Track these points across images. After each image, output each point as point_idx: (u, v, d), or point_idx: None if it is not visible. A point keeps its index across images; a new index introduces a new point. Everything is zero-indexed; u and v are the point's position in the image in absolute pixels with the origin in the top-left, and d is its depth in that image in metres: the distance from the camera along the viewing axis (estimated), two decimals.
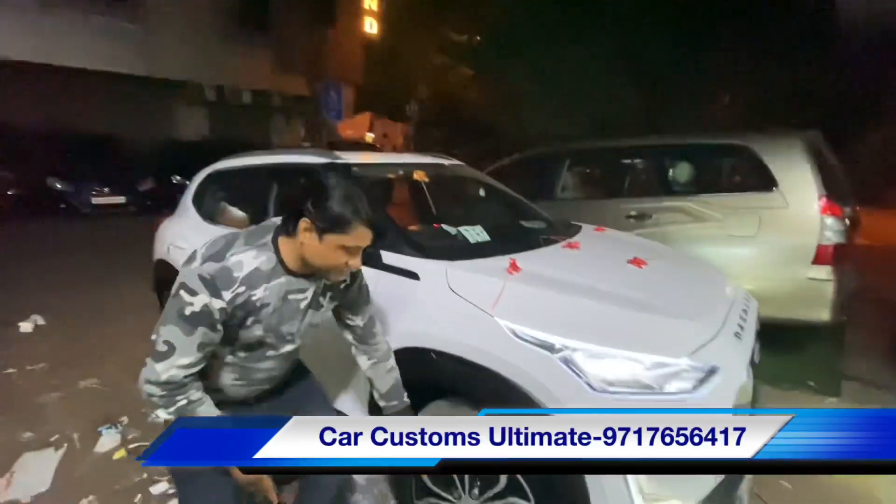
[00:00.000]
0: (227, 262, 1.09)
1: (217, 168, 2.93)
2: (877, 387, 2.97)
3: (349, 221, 1.08)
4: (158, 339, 1.07)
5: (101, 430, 2.38)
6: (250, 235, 1.17)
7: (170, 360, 1.05)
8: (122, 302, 4.37)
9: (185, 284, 1.06)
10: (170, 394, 1.08)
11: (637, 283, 1.66)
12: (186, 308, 1.04)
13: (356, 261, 1.14)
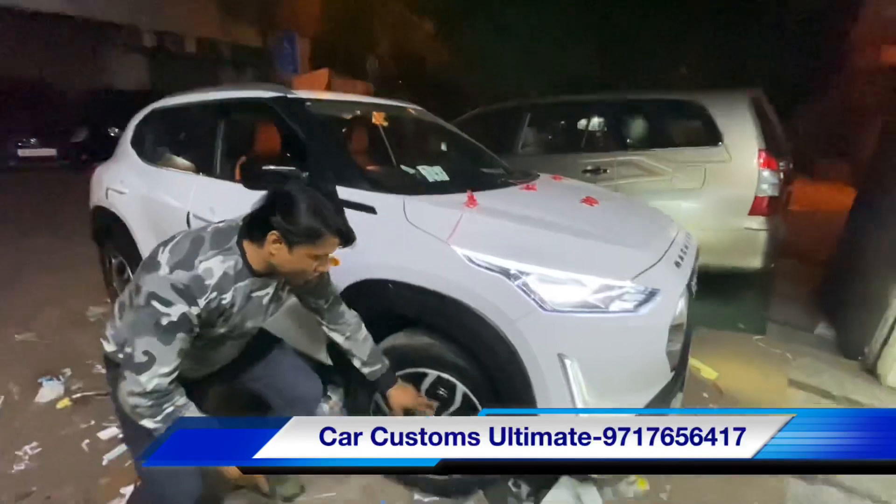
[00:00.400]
0: (197, 270, 1.08)
1: (158, 106, 2.72)
2: (796, 328, 3.29)
3: (321, 234, 1.11)
4: (135, 350, 1.05)
5: (42, 380, 2.28)
6: (215, 238, 1.15)
7: (151, 371, 1.05)
8: (54, 256, 4.13)
9: (157, 294, 1.04)
10: (156, 402, 1.08)
11: (587, 217, 1.72)
12: (163, 318, 1.04)
13: (325, 265, 1.19)
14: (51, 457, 1.81)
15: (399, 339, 1.58)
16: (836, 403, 2.32)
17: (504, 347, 1.34)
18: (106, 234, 2.84)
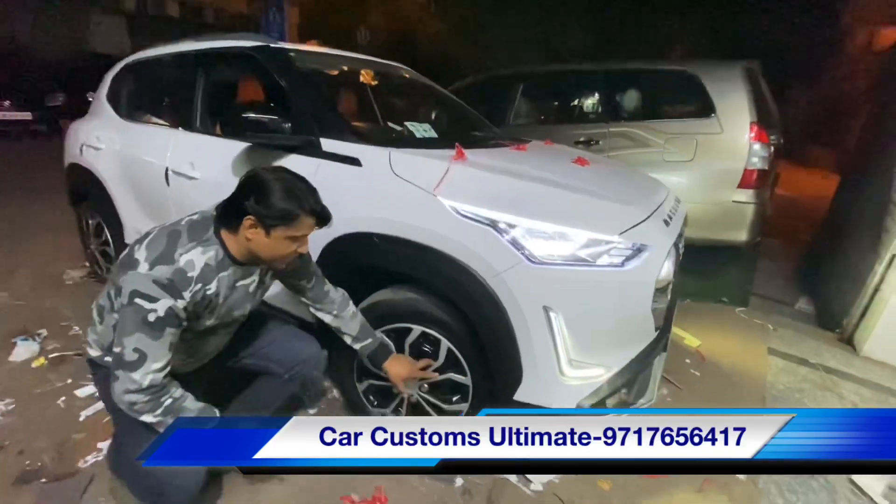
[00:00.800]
0: (178, 263, 1.08)
1: (135, 58, 2.59)
2: (777, 302, 3.36)
3: (296, 215, 1.11)
4: (125, 349, 1.04)
5: (17, 340, 2.22)
6: (192, 231, 1.14)
7: (145, 367, 1.05)
8: (30, 220, 4.01)
9: (140, 292, 1.03)
10: (154, 397, 1.08)
11: (578, 175, 1.69)
12: (150, 315, 1.04)
13: (304, 246, 1.19)
14: (25, 413, 1.77)
15: (384, 294, 1.56)
16: (813, 370, 2.37)
17: (489, 300, 1.32)
18: (82, 193, 2.74)
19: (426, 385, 1.55)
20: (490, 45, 9.02)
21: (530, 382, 1.36)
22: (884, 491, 1.60)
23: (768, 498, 1.56)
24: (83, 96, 8.10)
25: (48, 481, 1.46)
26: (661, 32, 9.49)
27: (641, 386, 1.51)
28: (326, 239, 1.56)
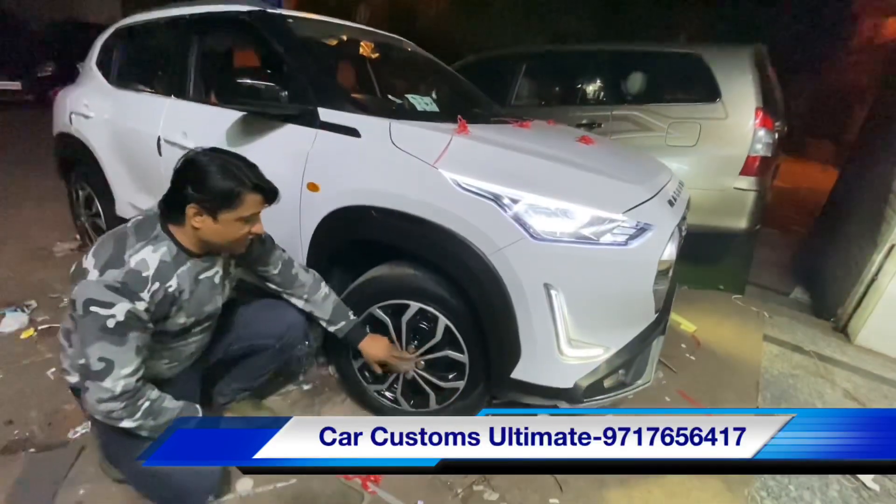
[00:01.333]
0: (129, 265, 1.03)
1: (125, 23, 2.50)
2: (774, 291, 3.37)
3: (238, 193, 1.07)
4: (90, 360, 1.01)
5: (5, 311, 2.18)
6: (138, 231, 1.10)
7: (114, 374, 1.01)
8: (19, 191, 3.92)
9: (94, 300, 0.99)
10: (130, 402, 1.04)
11: (582, 153, 1.65)
12: (108, 321, 0.99)
13: (258, 226, 1.16)
14: (13, 383, 1.74)
15: (381, 270, 1.53)
16: (807, 358, 2.38)
17: (489, 277, 1.29)
18: (71, 163, 2.67)
19: (422, 362, 1.53)
20: (492, 25, 8.85)
21: (528, 361, 1.34)
22: (874, 475, 1.62)
23: (760, 480, 1.57)
24: (73, 66, 7.92)
25: (37, 451, 1.44)
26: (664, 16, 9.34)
27: (639, 367, 1.50)
28: (322, 213, 1.52)
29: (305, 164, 1.53)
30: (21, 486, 1.31)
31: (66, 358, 1.23)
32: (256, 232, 1.16)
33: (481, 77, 3.91)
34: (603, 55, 3.61)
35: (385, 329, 1.53)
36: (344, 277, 1.68)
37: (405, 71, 2.61)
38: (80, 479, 1.35)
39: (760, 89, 2.92)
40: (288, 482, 1.38)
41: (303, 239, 1.61)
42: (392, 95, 2.02)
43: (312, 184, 1.53)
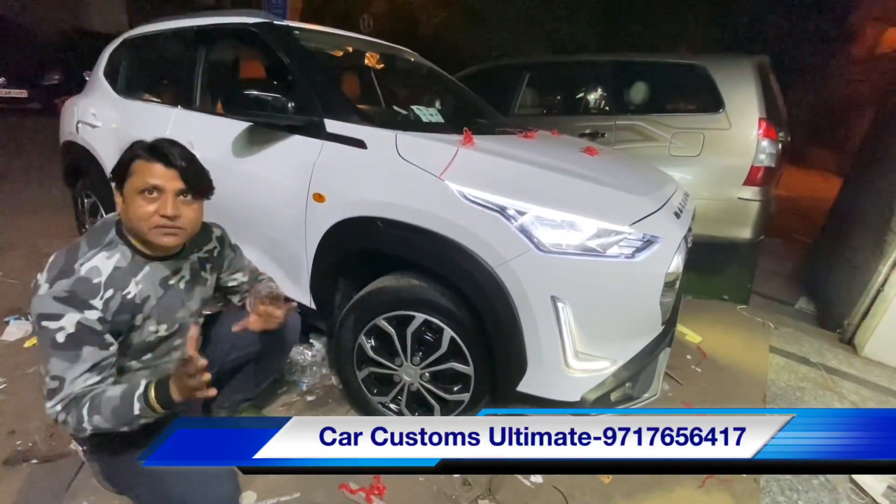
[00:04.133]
0: (79, 273, 0.97)
1: (133, 34, 2.52)
2: (778, 301, 3.35)
3: (128, 160, 1.01)
4: (46, 377, 0.96)
5: (9, 319, 2.18)
6: (91, 237, 1.05)
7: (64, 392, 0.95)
8: (24, 199, 3.95)
9: (43, 314, 0.94)
10: (74, 409, 0.95)
11: (588, 164, 1.65)
12: (58, 334, 0.93)
13: (167, 207, 1.01)
14: (16, 393, 1.74)
15: (386, 281, 1.52)
16: (813, 370, 2.36)
17: (495, 289, 1.28)
18: (77, 171, 2.68)
19: (427, 374, 1.52)
20: (494, 34, 8.91)
21: (535, 374, 1.33)
22: (884, 491, 1.60)
23: (770, 495, 1.55)
24: (79, 74, 8.00)
25: (39, 462, 1.43)
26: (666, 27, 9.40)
27: (646, 380, 1.48)
28: (328, 223, 1.53)
29: (311, 175, 1.54)
30: (23, 498, 1.30)
31: None
32: (164, 212, 1.01)
33: (484, 87, 3.94)
34: (606, 65, 3.63)
35: (390, 340, 1.52)
36: (349, 288, 1.67)
37: (409, 81, 2.63)
38: (82, 490, 1.34)
39: (763, 99, 2.92)
40: (292, 496, 1.37)
41: (308, 249, 1.61)
42: (397, 106, 2.03)
43: (318, 194, 1.53)
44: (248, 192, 1.71)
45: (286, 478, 1.42)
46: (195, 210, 1.10)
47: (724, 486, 1.54)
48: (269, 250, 1.75)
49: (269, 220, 1.71)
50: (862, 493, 1.60)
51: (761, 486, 1.58)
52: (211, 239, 1.29)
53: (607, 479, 1.54)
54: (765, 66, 3.16)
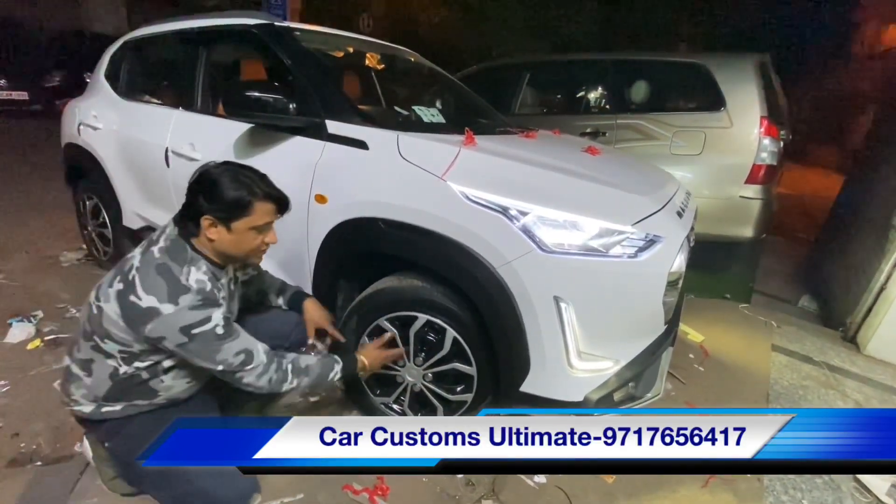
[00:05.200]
0: (193, 287, 1.07)
1: (134, 36, 2.52)
2: (780, 300, 3.35)
3: (249, 203, 1.09)
4: (228, 360, 1.10)
5: (12, 321, 2.18)
6: (174, 257, 1.10)
7: (256, 355, 1.14)
8: (26, 201, 3.96)
9: (191, 324, 1.04)
10: (278, 366, 1.18)
11: (590, 164, 1.65)
12: (217, 329, 1.07)
13: (271, 235, 1.19)
14: (20, 395, 1.74)
15: (389, 281, 1.52)
16: (816, 368, 2.36)
17: (498, 289, 1.28)
18: (79, 173, 2.68)
19: (430, 375, 1.52)
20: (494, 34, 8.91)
21: (538, 374, 1.33)
22: (888, 489, 1.59)
23: (773, 494, 1.55)
24: (80, 76, 8.01)
25: (43, 464, 1.43)
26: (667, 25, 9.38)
27: (649, 380, 1.48)
28: (330, 224, 1.53)
29: (313, 176, 1.54)
30: (28, 500, 1.31)
31: (81, 388, 1.15)
32: (270, 241, 1.19)
33: (485, 86, 3.94)
34: (607, 64, 3.63)
35: (393, 340, 1.52)
36: (351, 289, 1.67)
37: (410, 82, 2.62)
38: (87, 492, 1.34)
39: (765, 98, 2.92)
40: (295, 497, 1.37)
41: (310, 250, 1.61)
42: (398, 107, 2.03)
43: (320, 196, 1.53)
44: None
45: (290, 479, 1.42)
46: None
47: (728, 486, 1.54)
48: (271, 252, 1.72)
49: None
50: (866, 491, 1.60)
51: (765, 485, 1.57)
52: None
53: (610, 479, 1.54)
54: (766, 64, 3.15)
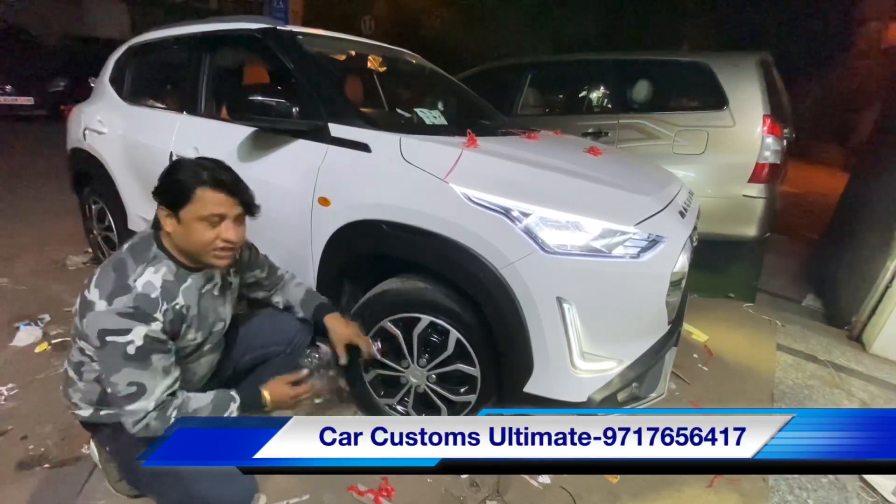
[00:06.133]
0: (136, 289, 1.02)
1: (138, 41, 2.54)
2: (785, 299, 3.33)
3: (191, 188, 1.03)
4: (118, 385, 1.00)
5: (20, 325, 2.20)
6: (135, 253, 1.08)
7: (146, 395, 1.01)
8: (32, 205, 3.98)
9: (108, 329, 0.98)
10: (160, 413, 1.03)
11: (592, 164, 1.65)
12: (128, 347, 0.99)
13: (228, 231, 1.08)
14: (28, 398, 1.76)
15: (392, 283, 1.53)
16: (822, 367, 2.35)
17: (501, 290, 1.29)
18: (84, 177, 2.71)
19: (434, 376, 1.52)
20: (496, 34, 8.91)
21: (541, 375, 1.33)
22: (895, 488, 1.59)
23: (779, 494, 1.54)
24: (84, 81, 8.06)
25: (51, 466, 1.45)
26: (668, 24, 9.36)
27: (652, 380, 1.48)
28: (333, 227, 1.53)
29: (316, 179, 1.55)
30: (36, 502, 1.32)
31: (76, 391, 1.17)
32: (227, 237, 1.08)
33: (486, 87, 3.95)
34: (609, 64, 3.62)
35: (396, 342, 1.53)
36: (355, 291, 1.68)
37: (412, 84, 2.63)
38: (94, 494, 1.35)
39: (767, 96, 2.91)
40: (301, 498, 1.38)
41: (314, 253, 1.62)
42: (400, 109, 2.04)
43: (323, 198, 1.54)
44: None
45: (295, 480, 1.43)
46: (244, 229, 1.15)
47: (733, 486, 1.54)
48: (275, 254, 1.74)
49: (275, 225, 1.72)
50: (872, 491, 1.59)
51: (770, 485, 1.57)
52: None
53: (615, 479, 1.54)
54: (768, 62, 3.14)
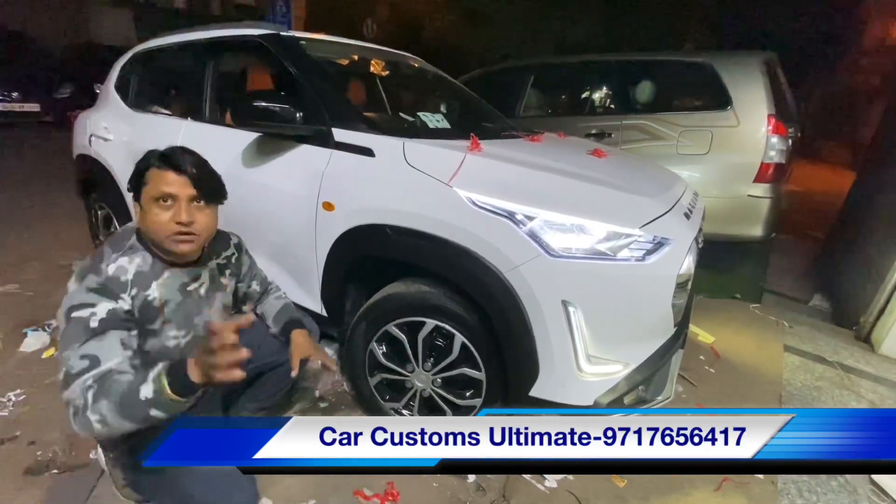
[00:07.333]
0: (108, 272, 1.01)
1: (143, 48, 2.56)
2: (791, 299, 3.31)
3: (142, 169, 1.03)
4: (71, 360, 0.92)
5: (27, 331, 2.22)
6: (113, 243, 1.08)
7: (99, 369, 0.92)
8: (38, 212, 4.01)
9: (76, 305, 0.95)
10: (83, 393, 0.90)
11: (596, 167, 1.65)
12: (91, 321, 0.95)
13: (181, 213, 1.03)
14: (36, 404, 1.77)
15: (397, 287, 1.53)
16: (830, 368, 2.33)
17: (506, 294, 1.28)
18: (90, 184, 2.73)
19: (439, 380, 1.52)
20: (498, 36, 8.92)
21: (547, 378, 1.33)
22: None
23: (788, 497, 1.53)
24: (90, 87, 8.13)
25: (59, 472, 1.45)
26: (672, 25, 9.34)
27: (659, 383, 1.48)
28: (338, 231, 1.54)
29: (321, 184, 1.56)
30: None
31: None
32: (179, 219, 1.03)
33: (489, 89, 3.95)
34: (612, 65, 3.62)
35: (401, 346, 1.53)
36: (359, 295, 1.69)
37: (415, 87, 2.64)
38: (102, 499, 1.36)
39: (772, 96, 2.90)
40: (307, 502, 1.38)
41: (318, 258, 1.62)
42: (403, 113, 2.04)
43: (328, 203, 1.55)
44: (259, 201, 1.74)
45: (301, 484, 1.43)
46: (209, 216, 1.10)
47: (742, 489, 1.53)
48: (279, 259, 1.77)
49: (280, 230, 1.73)
50: (883, 494, 1.57)
51: (779, 488, 1.56)
52: (229, 246, 1.32)
53: (622, 482, 1.53)
54: (772, 61, 3.13)
